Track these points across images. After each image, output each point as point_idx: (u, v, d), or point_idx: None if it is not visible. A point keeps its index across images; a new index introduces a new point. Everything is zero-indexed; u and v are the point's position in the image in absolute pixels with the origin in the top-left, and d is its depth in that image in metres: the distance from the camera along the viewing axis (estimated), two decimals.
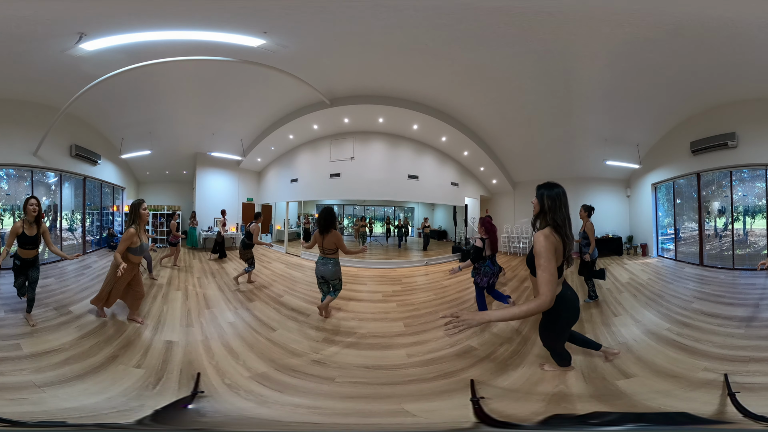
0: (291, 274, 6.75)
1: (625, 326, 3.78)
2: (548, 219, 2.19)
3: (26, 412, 2.05)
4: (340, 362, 3.02)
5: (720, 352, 3.01)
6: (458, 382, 2.65)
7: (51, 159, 6.10)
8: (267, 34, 4.33)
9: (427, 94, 6.76)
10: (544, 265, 1.99)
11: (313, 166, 8.98)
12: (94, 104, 5.91)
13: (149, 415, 2.02)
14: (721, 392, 2.33)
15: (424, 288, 5.88)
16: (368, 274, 6.74)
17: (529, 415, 2.18)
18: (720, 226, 6.60)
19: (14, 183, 6.15)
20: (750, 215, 6.25)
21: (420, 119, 7.42)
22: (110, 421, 2.04)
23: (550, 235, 2.10)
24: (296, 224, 9.86)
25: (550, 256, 2.01)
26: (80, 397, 2.30)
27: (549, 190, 2.25)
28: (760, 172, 5.95)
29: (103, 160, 7.41)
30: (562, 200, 2.21)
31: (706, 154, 6.25)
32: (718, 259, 6.43)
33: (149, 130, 7.38)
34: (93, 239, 7.94)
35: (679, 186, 7.33)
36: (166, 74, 5.50)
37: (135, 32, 4.06)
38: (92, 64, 4.53)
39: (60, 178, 6.66)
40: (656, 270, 6.70)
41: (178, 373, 2.70)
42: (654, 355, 3.04)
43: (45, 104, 5.55)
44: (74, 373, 2.59)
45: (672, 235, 7.52)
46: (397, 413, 2.25)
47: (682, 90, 5.63)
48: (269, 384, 2.62)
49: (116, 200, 8.93)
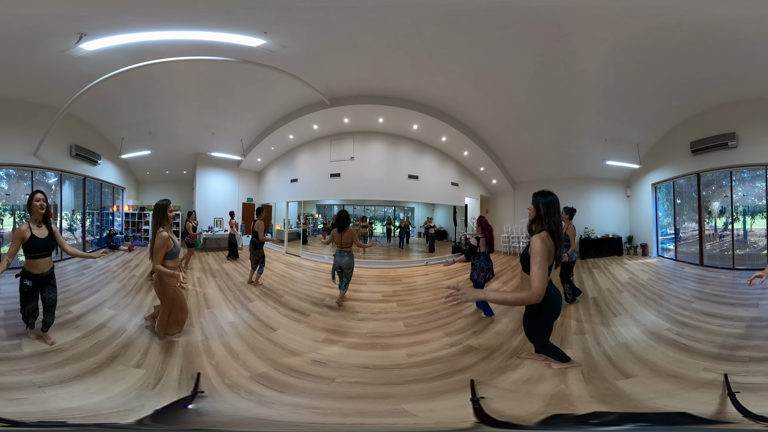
0: (291, 274, 6.75)
1: (625, 326, 3.78)
2: (544, 224, 2.39)
3: (26, 412, 2.05)
4: (340, 362, 3.02)
5: (720, 352, 3.02)
6: (458, 382, 2.65)
7: (51, 159, 6.10)
8: (267, 34, 4.33)
9: (427, 94, 6.76)
10: (540, 263, 2.19)
11: (313, 166, 8.99)
12: (94, 104, 5.91)
13: (149, 415, 2.02)
14: (721, 392, 2.33)
15: (424, 288, 5.89)
16: (369, 274, 6.74)
17: (529, 415, 2.18)
18: (720, 226, 6.60)
19: (14, 183, 6.15)
20: (750, 215, 6.25)
21: (420, 119, 7.42)
22: (110, 421, 2.04)
23: (546, 239, 2.31)
24: (296, 224, 9.86)
25: (545, 256, 2.23)
26: (80, 397, 2.30)
27: (544, 197, 2.46)
28: (760, 172, 5.95)
29: (103, 160, 7.42)
30: (556, 207, 2.44)
31: (706, 154, 6.25)
32: (718, 259, 6.43)
33: (149, 130, 7.38)
34: (93, 239, 7.95)
35: (679, 186, 7.33)
36: (166, 74, 5.50)
37: (135, 32, 4.06)
38: (92, 64, 4.53)
39: (60, 178, 6.67)
40: (656, 270, 6.70)
41: (178, 373, 2.69)
42: (654, 355, 3.04)
43: (45, 104, 5.55)
44: (74, 373, 2.59)
45: (672, 235, 7.52)
46: (397, 413, 2.26)
47: (682, 90, 5.63)
48: (269, 384, 2.62)
49: (116, 200, 8.94)
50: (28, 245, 3.00)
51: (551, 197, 2.45)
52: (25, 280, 3.04)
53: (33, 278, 3.05)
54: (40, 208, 3.10)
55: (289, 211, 9.85)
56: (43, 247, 3.07)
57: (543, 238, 2.29)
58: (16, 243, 2.97)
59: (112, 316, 3.90)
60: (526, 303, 2.32)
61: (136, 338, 3.33)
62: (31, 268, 3.05)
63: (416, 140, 8.61)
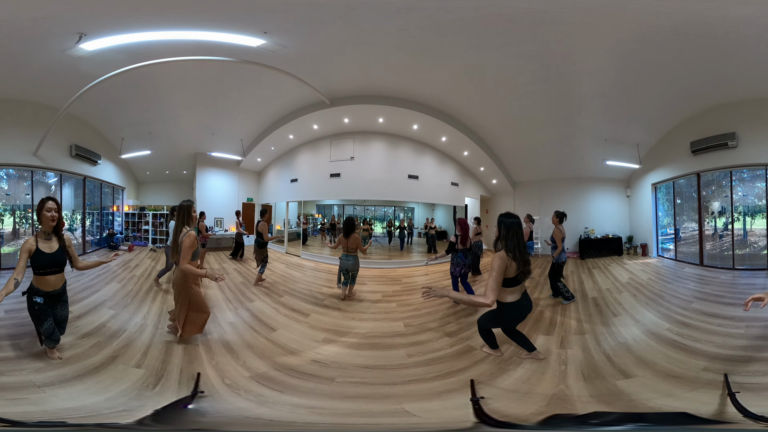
0: (291, 274, 6.75)
1: (625, 326, 3.78)
2: (502, 245, 2.67)
3: (26, 412, 2.05)
4: (340, 362, 3.02)
5: (720, 352, 3.02)
6: (458, 382, 2.65)
7: (51, 159, 6.11)
8: (267, 34, 4.33)
9: (427, 94, 6.76)
10: (494, 276, 2.52)
11: (313, 166, 8.99)
12: (94, 104, 5.92)
13: (149, 415, 2.02)
14: (721, 392, 2.33)
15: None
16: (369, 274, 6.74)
17: (529, 415, 2.18)
18: (720, 226, 6.60)
19: (14, 183, 6.15)
20: (750, 215, 6.25)
21: (420, 119, 7.42)
22: (110, 421, 2.04)
23: (504, 258, 2.60)
24: (296, 224, 9.86)
25: (500, 272, 2.54)
26: (80, 397, 2.29)
27: (506, 219, 2.71)
28: (760, 172, 5.95)
29: (103, 160, 7.42)
30: (515, 230, 2.67)
31: (706, 154, 6.26)
32: (718, 259, 6.43)
33: (149, 130, 7.38)
34: (93, 239, 7.95)
35: (679, 186, 7.33)
36: (166, 74, 5.50)
37: (135, 32, 4.06)
38: (92, 64, 4.53)
39: (60, 178, 6.67)
40: (656, 270, 6.70)
41: (178, 373, 2.69)
42: (654, 355, 3.04)
43: (45, 104, 5.56)
44: (74, 373, 2.59)
45: (672, 235, 7.52)
46: (397, 413, 2.26)
47: (682, 90, 5.63)
48: (269, 384, 2.62)
49: (116, 200, 8.95)
50: (34, 260, 2.67)
51: (512, 220, 2.69)
52: (34, 297, 2.68)
53: (44, 295, 2.71)
54: (51, 219, 2.73)
55: (289, 211, 9.86)
56: (52, 263, 2.72)
57: (502, 256, 2.59)
58: (23, 258, 2.63)
59: (112, 316, 3.89)
60: (478, 306, 2.92)
61: (136, 338, 3.33)
62: (40, 284, 2.71)
63: (416, 140, 8.61)
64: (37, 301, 2.68)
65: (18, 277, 2.54)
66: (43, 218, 2.73)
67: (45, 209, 2.73)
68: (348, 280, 5.08)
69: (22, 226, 6.31)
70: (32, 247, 2.68)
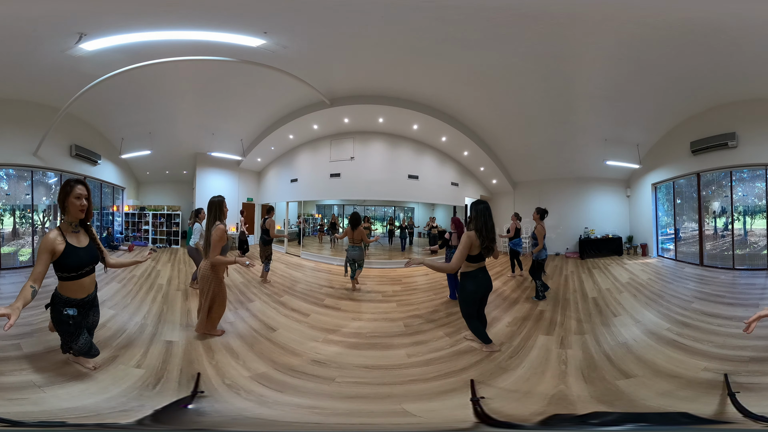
0: (291, 274, 6.75)
1: (625, 326, 3.79)
2: (472, 225, 3.13)
3: (26, 412, 2.05)
4: (340, 362, 3.02)
5: (720, 352, 3.02)
6: (458, 382, 2.65)
7: (51, 159, 6.10)
8: (267, 34, 4.33)
9: (427, 94, 6.75)
10: (460, 250, 3.02)
11: (313, 166, 8.98)
12: (94, 104, 5.90)
13: (149, 415, 2.02)
14: (721, 392, 2.33)
15: (424, 288, 5.88)
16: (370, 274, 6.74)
17: (529, 415, 2.18)
18: (720, 226, 6.60)
19: (14, 183, 6.14)
20: (750, 215, 6.25)
21: (420, 119, 7.42)
22: (110, 421, 2.04)
23: (472, 236, 3.06)
24: (296, 224, 9.86)
25: (465, 246, 3.02)
26: (80, 397, 2.29)
27: (476, 205, 3.18)
28: (760, 172, 5.95)
29: (103, 160, 7.41)
30: (483, 213, 3.11)
31: (706, 154, 6.25)
32: (718, 259, 6.43)
33: (149, 130, 7.37)
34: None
35: (679, 186, 7.33)
36: (166, 74, 5.49)
37: (135, 32, 4.06)
38: (92, 64, 4.53)
39: (60, 178, 6.66)
40: (656, 270, 6.69)
41: (178, 373, 2.69)
42: (654, 355, 3.04)
43: (45, 104, 5.55)
44: (74, 373, 2.59)
45: (672, 235, 7.51)
46: (397, 413, 2.25)
47: (682, 90, 5.63)
48: (269, 384, 2.62)
49: (116, 200, 8.94)
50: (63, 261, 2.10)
51: (480, 206, 3.15)
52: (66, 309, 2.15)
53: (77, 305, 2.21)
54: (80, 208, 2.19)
55: (289, 211, 9.85)
56: (87, 260, 2.23)
57: (470, 234, 3.06)
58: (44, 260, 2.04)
59: (112, 316, 3.89)
60: (446, 272, 3.84)
61: (136, 338, 3.33)
62: (69, 292, 2.20)
63: (416, 140, 8.61)
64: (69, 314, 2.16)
65: (36, 284, 2.01)
66: (71, 206, 2.19)
67: (74, 195, 2.19)
68: (354, 269, 5.56)
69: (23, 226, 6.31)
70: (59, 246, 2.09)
